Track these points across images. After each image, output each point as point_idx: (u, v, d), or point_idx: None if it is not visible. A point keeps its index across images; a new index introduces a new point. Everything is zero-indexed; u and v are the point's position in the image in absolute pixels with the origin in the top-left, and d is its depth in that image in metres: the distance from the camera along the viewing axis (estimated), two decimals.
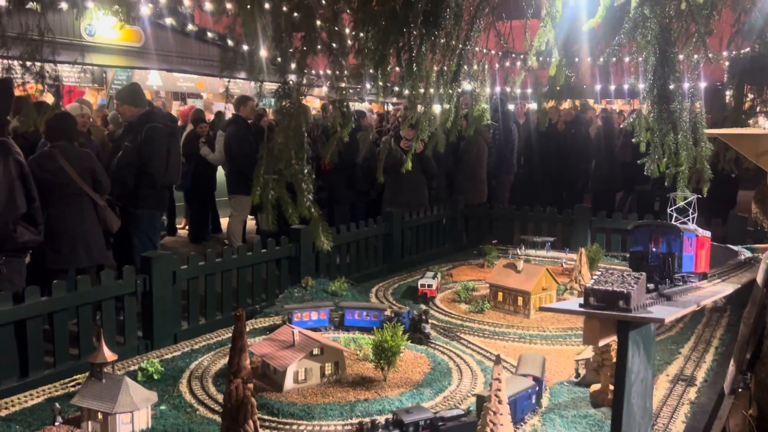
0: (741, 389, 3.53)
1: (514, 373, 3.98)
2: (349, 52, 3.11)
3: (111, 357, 3.53)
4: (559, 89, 4.15)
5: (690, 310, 2.71)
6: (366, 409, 3.76)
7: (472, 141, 9.01)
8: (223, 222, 10.44)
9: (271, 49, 2.85)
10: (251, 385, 3.00)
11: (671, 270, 2.76)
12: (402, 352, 4.21)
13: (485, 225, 8.54)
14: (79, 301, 4.54)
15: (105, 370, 3.52)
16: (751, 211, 3.75)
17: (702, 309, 5.32)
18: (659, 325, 4.62)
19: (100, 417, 3.41)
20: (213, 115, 12.11)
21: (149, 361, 4.35)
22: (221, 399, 3.40)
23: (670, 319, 2.51)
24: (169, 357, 4.64)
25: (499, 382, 2.71)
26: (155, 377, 4.21)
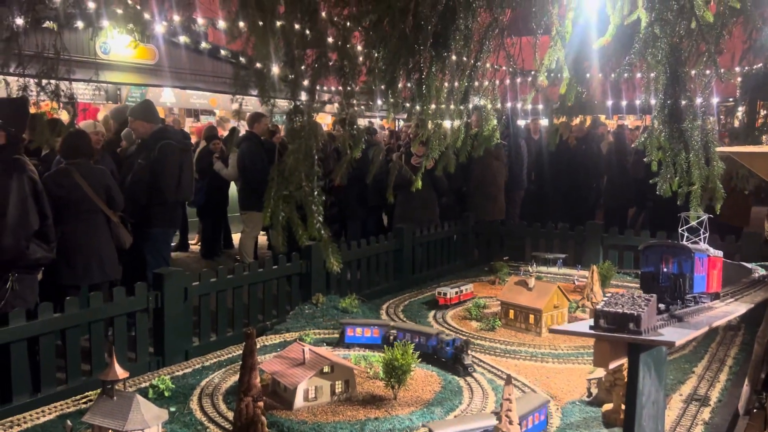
0: (756, 409, 3.49)
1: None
2: (360, 73, 3.13)
3: (122, 374, 3.53)
4: (570, 105, 4.15)
5: (701, 332, 2.69)
6: (376, 427, 3.74)
7: (485, 161, 8.98)
8: (235, 237, 10.49)
9: (282, 69, 2.88)
10: (261, 403, 3.01)
11: (682, 291, 2.74)
12: (413, 371, 4.20)
13: (496, 241, 8.49)
14: (92, 318, 4.57)
15: (116, 388, 3.53)
16: (765, 230, 3.73)
17: (715, 328, 5.27)
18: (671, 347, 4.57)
19: None
20: (226, 131, 12.22)
21: (160, 378, 4.36)
22: (231, 417, 3.40)
23: (681, 341, 2.49)
24: (180, 374, 4.65)
25: (510, 402, 2.71)
26: (166, 394, 4.21)
